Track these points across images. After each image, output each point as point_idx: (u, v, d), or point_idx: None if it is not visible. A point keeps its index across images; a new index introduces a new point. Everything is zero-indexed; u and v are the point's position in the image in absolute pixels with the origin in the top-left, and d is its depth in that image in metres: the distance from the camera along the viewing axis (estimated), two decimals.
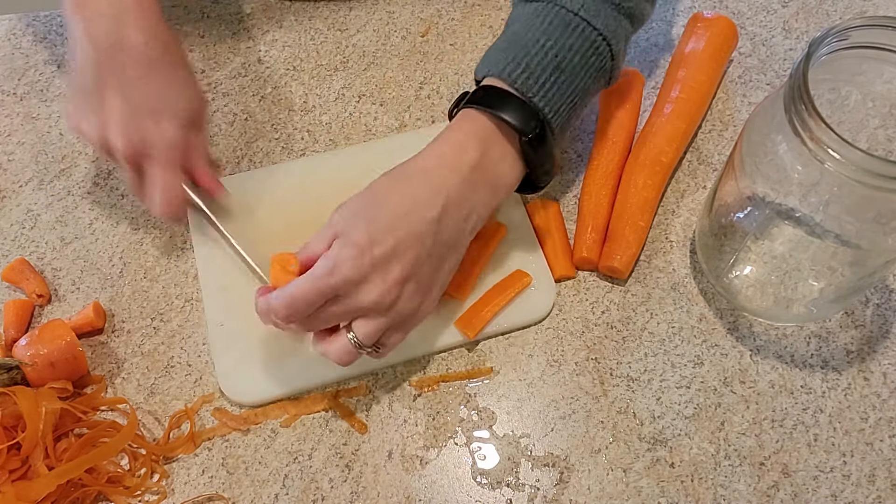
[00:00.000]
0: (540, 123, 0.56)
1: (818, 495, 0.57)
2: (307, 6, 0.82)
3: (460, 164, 0.54)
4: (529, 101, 0.55)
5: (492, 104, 0.55)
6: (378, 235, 0.52)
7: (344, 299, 0.52)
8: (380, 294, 0.52)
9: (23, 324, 0.64)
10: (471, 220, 0.56)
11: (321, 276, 0.51)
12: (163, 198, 0.60)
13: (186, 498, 0.58)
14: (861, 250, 0.54)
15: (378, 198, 0.54)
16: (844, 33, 0.50)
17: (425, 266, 0.54)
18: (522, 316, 0.63)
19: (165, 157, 0.60)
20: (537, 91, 0.55)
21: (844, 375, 0.61)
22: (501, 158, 0.56)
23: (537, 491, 0.57)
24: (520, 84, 0.55)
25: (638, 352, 0.62)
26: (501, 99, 0.55)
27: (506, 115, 0.55)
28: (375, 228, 0.52)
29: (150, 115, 0.59)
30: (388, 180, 0.55)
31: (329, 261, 0.51)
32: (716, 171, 0.71)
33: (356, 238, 0.51)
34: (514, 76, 0.55)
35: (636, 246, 0.64)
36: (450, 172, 0.54)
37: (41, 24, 0.82)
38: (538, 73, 0.56)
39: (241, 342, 0.62)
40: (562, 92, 0.57)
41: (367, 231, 0.52)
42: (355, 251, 0.51)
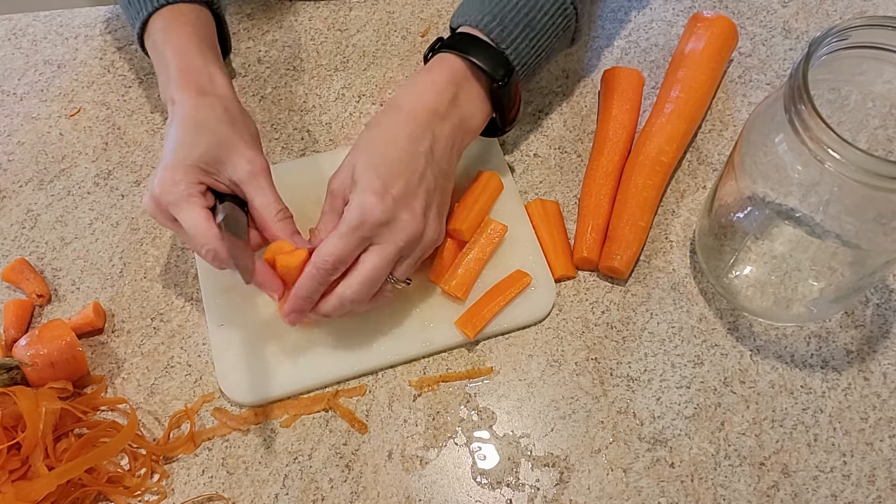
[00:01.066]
0: (508, 72, 0.60)
1: (818, 495, 0.57)
2: (307, 6, 0.82)
3: (440, 103, 0.59)
4: (502, 51, 0.60)
5: (467, 50, 0.60)
6: (390, 178, 0.55)
7: (381, 246, 0.55)
8: (414, 227, 0.56)
9: (23, 324, 0.64)
10: (455, 150, 0.61)
11: (351, 228, 0.54)
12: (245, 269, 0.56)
13: (186, 498, 0.58)
14: (861, 250, 0.54)
15: (377, 146, 0.57)
16: (844, 33, 0.50)
17: (434, 194, 0.58)
18: (522, 316, 0.63)
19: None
20: (510, 43, 0.61)
21: (844, 375, 0.61)
22: (473, 98, 0.61)
23: (537, 491, 0.57)
24: (495, 35, 0.60)
25: (638, 352, 0.62)
26: (476, 45, 0.60)
27: (480, 60, 0.59)
28: (385, 173, 0.55)
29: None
30: (380, 129, 0.58)
31: (354, 213, 0.54)
32: (716, 171, 0.71)
33: (372, 186, 0.55)
34: (490, 27, 0.60)
35: (636, 246, 0.64)
36: (432, 111, 0.58)
37: (41, 24, 0.82)
38: (511, 28, 0.61)
39: (241, 342, 0.62)
40: (530, 46, 0.62)
41: (379, 177, 0.55)
42: (376, 197, 0.54)
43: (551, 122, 0.74)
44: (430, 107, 0.58)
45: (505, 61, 0.60)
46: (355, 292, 0.56)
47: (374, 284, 0.56)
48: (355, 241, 0.55)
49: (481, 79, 0.61)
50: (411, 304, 0.63)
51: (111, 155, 0.73)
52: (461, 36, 0.61)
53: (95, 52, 0.80)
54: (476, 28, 0.61)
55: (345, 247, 0.55)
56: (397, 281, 0.58)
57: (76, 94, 0.77)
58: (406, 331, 0.62)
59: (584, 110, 0.74)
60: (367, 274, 0.55)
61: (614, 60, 0.77)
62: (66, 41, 0.80)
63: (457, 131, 0.60)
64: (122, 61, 0.79)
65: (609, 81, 0.73)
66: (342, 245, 0.55)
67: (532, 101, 0.75)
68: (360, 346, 0.62)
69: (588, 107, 0.75)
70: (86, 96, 0.77)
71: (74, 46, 0.80)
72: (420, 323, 0.63)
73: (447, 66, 0.60)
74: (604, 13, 0.81)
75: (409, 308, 0.63)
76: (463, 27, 0.62)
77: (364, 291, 0.56)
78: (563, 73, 0.77)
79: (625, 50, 0.78)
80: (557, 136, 0.73)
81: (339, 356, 0.61)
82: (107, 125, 0.75)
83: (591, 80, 0.76)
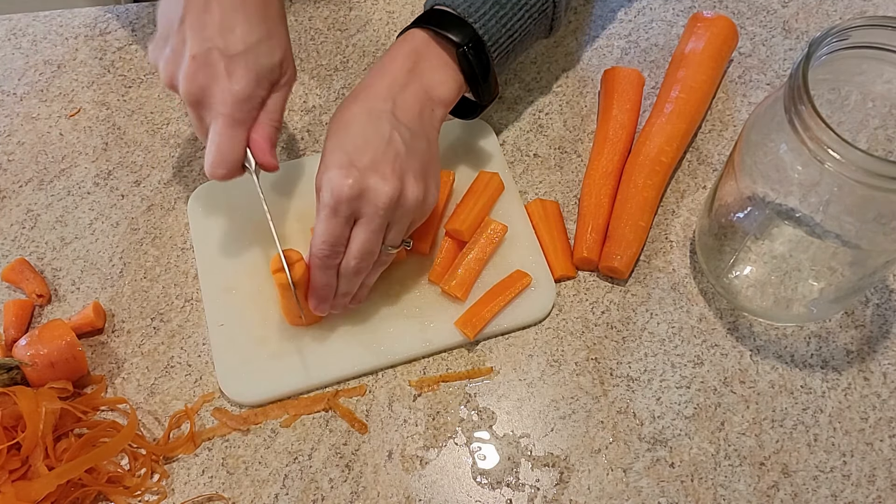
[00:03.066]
0: (477, 42, 0.60)
1: (818, 495, 0.57)
2: (307, 6, 0.82)
3: (397, 74, 0.59)
4: (470, 24, 0.60)
5: (430, 21, 0.61)
6: (354, 152, 0.55)
7: (363, 219, 0.55)
8: (389, 190, 0.54)
9: (23, 324, 0.64)
10: (425, 117, 0.59)
11: (329, 209, 0.54)
12: (214, 158, 0.56)
13: (186, 498, 0.58)
14: (861, 250, 0.54)
15: (338, 128, 0.57)
16: (844, 33, 0.50)
17: (408, 157, 0.56)
18: (522, 316, 0.63)
19: (227, 114, 0.55)
20: (478, 18, 0.60)
21: (844, 375, 0.61)
22: (437, 67, 0.60)
23: (537, 491, 0.57)
24: (462, 10, 0.60)
25: (638, 352, 0.62)
26: (442, 18, 0.61)
27: (441, 28, 0.60)
28: (349, 148, 0.55)
29: (224, 60, 0.54)
30: (340, 111, 0.58)
31: (325, 195, 0.54)
32: (716, 171, 0.71)
33: (336, 161, 0.55)
34: (458, 3, 0.61)
35: (636, 246, 0.64)
36: (389, 83, 0.58)
37: (41, 24, 0.82)
38: (479, 4, 0.61)
39: (241, 342, 0.62)
40: (500, 24, 0.62)
41: (344, 153, 0.55)
42: (342, 171, 0.54)
43: (551, 122, 0.74)
44: (387, 80, 0.58)
45: (472, 32, 0.60)
46: (354, 267, 0.56)
47: (370, 256, 0.57)
48: (338, 221, 0.55)
49: (447, 47, 0.60)
50: (411, 304, 0.63)
51: (111, 155, 0.73)
52: (430, 12, 0.62)
53: (95, 52, 0.80)
54: (444, 5, 0.61)
55: (331, 229, 0.55)
56: (394, 247, 0.58)
57: (76, 94, 0.77)
58: (406, 331, 0.62)
59: (584, 110, 0.74)
60: (360, 248, 0.56)
61: (614, 60, 0.77)
62: (66, 41, 0.80)
63: (423, 98, 0.59)
64: (121, 61, 0.79)
65: (609, 81, 0.73)
66: (328, 228, 0.55)
67: (532, 101, 0.75)
68: (360, 346, 0.62)
69: (588, 107, 0.75)
70: (86, 96, 0.77)
71: (74, 46, 0.80)
72: (420, 323, 0.62)
73: (408, 39, 0.61)
74: (604, 13, 0.81)
75: (409, 308, 0.63)
76: (435, 7, 0.62)
77: (362, 264, 0.57)
78: (563, 73, 0.77)
79: (625, 50, 0.78)
80: (557, 136, 0.73)
81: (339, 356, 0.61)
82: (107, 125, 0.75)
83: (591, 80, 0.76)
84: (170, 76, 0.56)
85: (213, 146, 0.55)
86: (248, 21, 0.55)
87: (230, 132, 0.55)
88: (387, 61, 0.60)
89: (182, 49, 0.55)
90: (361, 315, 0.62)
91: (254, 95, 0.56)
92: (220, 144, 0.55)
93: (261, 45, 0.56)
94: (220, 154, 0.55)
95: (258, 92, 0.56)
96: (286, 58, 0.58)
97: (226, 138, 0.55)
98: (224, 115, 0.55)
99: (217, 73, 0.54)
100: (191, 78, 0.54)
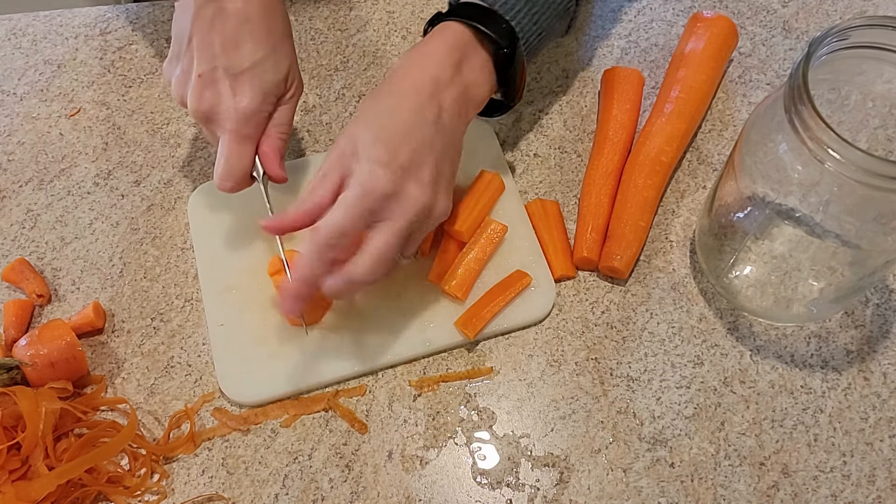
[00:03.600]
0: (512, 44, 0.58)
1: (818, 495, 0.57)
2: (307, 6, 0.82)
3: (442, 70, 0.56)
4: (507, 21, 0.58)
5: (472, 17, 0.58)
6: (396, 148, 0.52)
7: (390, 221, 0.52)
8: (424, 199, 0.53)
9: (23, 324, 0.64)
10: (463, 119, 0.58)
11: (357, 198, 0.51)
12: (222, 172, 0.58)
13: (186, 498, 0.58)
14: (861, 250, 0.54)
15: (380, 117, 0.54)
16: (844, 33, 0.50)
17: (444, 165, 0.55)
18: (522, 316, 0.63)
19: (234, 130, 0.57)
20: (514, 15, 0.58)
21: (844, 375, 0.61)
22: (477, 67, 0.58)
23: (537, 491, 0.57)
24: (499, 6, 0.58)
25: (638, 352, 0.62)
26: (481, 13, 0.58)
27: (486, 27, 0.57)
28: (391, 142, 0.53)
29: (229, 78, 0.56)
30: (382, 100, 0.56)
31: (359, 185, 0.51)
32: (716, 171, 0.71)
33: (377, 155, 0.52)
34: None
35: (636, 246, 0.64)
36: (435, 79, 0.56)
37: (41, 24, 0.82)
38: (514, 1, 0.59)
39: (241, 342, 0.62)
40: (532, 21, 0.60)
41: (385, 146, 0.52)
42: (382, 166, 0.51)
43: (551, 122, 0.74)
44: (433, 75, 0.55)
45: (509, 29, 0.58)
46: (367, 272, 0.52)
47: (387, 263, 0.53)
48: (360, 214, 0.51)
49: (486, 46, 0.58)
50: (411, 304, 0.63)
51: (111, 155, 0.73)
52: (462, 5, 0.59)
53: (95, 52, 0.80)
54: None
55: (349, 218, 0.51)
56: (406, 257, 0.56)
57: (76, 94, 0.77)
58: (406, 331, 0.62)
59: (584, 110, 0.74)
60: (379, 252, 0.52)
61: (614, 60, 0.77)
62: (66, 41, 0.80)
63: (462, 100, 0.57)
64: (122, 61, 0.79)
65: (609, 81, 0.73)
66: (346, 216, 0.51)
67: (532, 101, 0.75)
68: (360, 346, 0.62)
69: (588, 107, 0.75)
70: (86, 96, 0.77)
71: (74, 46, 0.80)
72: (420, 323, 0.63)
73: (449, 33, 0.57)
74: (604, 13, 0.81)
75: (409, 308, 0.63)
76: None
77: (377, 271, 0.52)
78: (563, 73, 0.77)
79: (625, 50, 0.78)
80: (557, 136, 0.73)
81: (339, 356, 0.61)
82: (107, 125, 0.75)
83: (591, 80, 0.76)
84: (180, 94, 0.58)
85: (221, 160, 0.58)
86: (252, 38, 0.56)
87: (238, 147, 0.57)
88: (429, 52, 0.57)
89: (190, 68, 0.57)
90: (361, 315, 0.62)
91: (260, 111, 0.57)
92: (229, 159, 0.57)
93: (266, 61, 0.57)
94: (229, 168, 0.58)
95: (264, 107, 0.58)
96: (292, 71, 0.59)
97: (234, 153, 0.57)
98: (231, 131, 0.57)
99: (223, 91, 0.56)
100: (198, 97, 0.56)
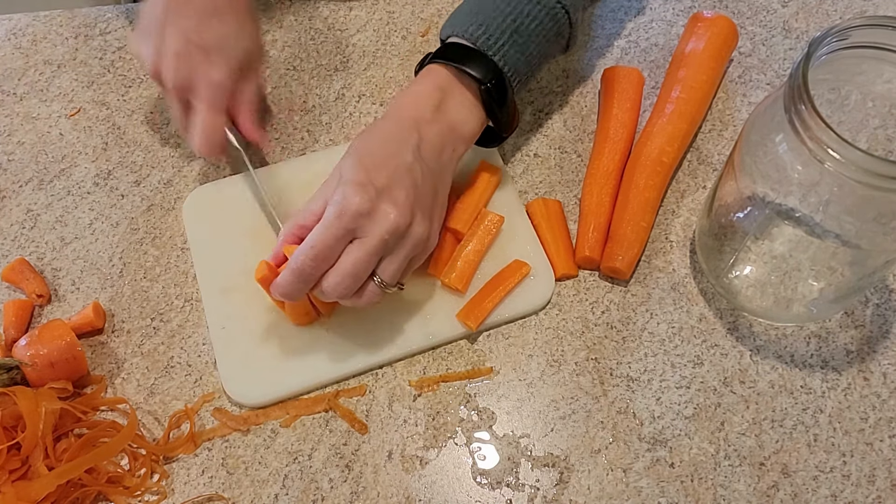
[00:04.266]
0: (498, 76, 0.61)
1: (818, 495, 0.57)
2: (307, 6, 0.82)
3: (424, 110, 0.59)
4: (490, 58, 0.60)
5: (453, 58, 0.61)
6: (373, 171, 0.55)
7: (363, 239, 0.54)
8: (396, 217, 0.54)
9: (23, 324, 0.64)
10: (446, 155, 0.60)
11: (333, 219, 0.54)
12: (202, 137, 0.64)
13: (186, 498, 0.58)
14: (861, 250, 0.54)
15: (362, 146, 0.58)
16: (844, 33, 0.50)
17: (422, 192, 0.57)
18: (523, 305, 0.63)
19: (211, 98, 0.63)
20: (497, 50, 0.60)
21: (844, 375, 0.61)
22: (462, 105, 0.61)
23: (537, 491, 0.57)
24: (481, 43, 0.60)
25: (638, 352, 0.62)
26: (463, 53, 0.61)
27: (465, 66, 0.60)
28: (370, 165, 0.56)
29: (203, 53, 0.62)
30: (366, 133, 0.59)
31: (335, 205, 0.54)
32: (716, 171, 0.71)
33: (354, 177, 0.55)
34: (476, 35, 0.61)
35: (638, 246, 0.64)
36: (417, 118, 0.59)
37: (41, 24, 0.82)
38: (497, 35, 0.61)
39: (242, 344, 0.62)
40: (520, 52, 0.62)
41: (363, 168, 0.55)
42: (358, 187, 0.54)
43: (551, 122, 0.74)
44: (414, 114, 0.59)
45: (493, 66, 0.60)
46: (336, 286, 0.54)
47: (356, 279, 0.55)
48: (337, 233, 0.53)
49: (470, 85, 0.60)
50: (412, 298, 0.63)
51: (111, 155, 0.73)
52: (448, 46, 0.62)
53: (95, 52, 0.80)
54: (462, 38, 0.61)
55: (327, 238, 0.53)
56: (387, 285, 0.56)
57: (76, 94, 0.77)
58: (408, 325, 0.62)
59: (584, 110, 0.74)
60: (348, 268, 0.54)
61: (614, 60, 0.77)
62: (66, 41, 0.80)
63: (446, 136, 0.59)
64: (121, 61, 0.79)
65: (609, 80, 0.73)
66: (325, 236, 0.53)
67: (532, 101, 0.75)
68: (360, 342, 0.62)
69: (588, 107, 0.75)
70: (86, 96, 0.77)
71: (74, 46, 0.80)
72: (421, 317, 0.63)
73: (433, 75, 0.61)
74: (604, 13, 0.81)
75: (410, 302, 0.63)
76: (451, 38, 0.62)
77: (345, 286, 0.55)
78: (563, 73, 0.77)
79: (625, 50, 0.78)
80: (557, 136, 0.73)
81: (340, 354, 0.61)
82: (107, 125, 0.75)
83: (591, 80, 0.76)
84: (155, 69, 0.64)
85: (199, 128, 0.64)
86: (219, 18, 0.64)
87: (212, 116, 0.64)
88: (414, 93, 0.60)
89: (163, 47, 0.63)
90: (362, 312, 0.62)
91: (231, 82, 0.64)
92: (206, 127, 0.63)
93: (231, 36, 0.64)
94: (206, 135, 0.64)
95: (235, 79, 0.64)
96: (255, 46, 0.67)
97: (209, 121, 0.63)
98: (206, 100, 0.63)
99: (196, 65, 0.62)
100: (175, 70, 0.62)
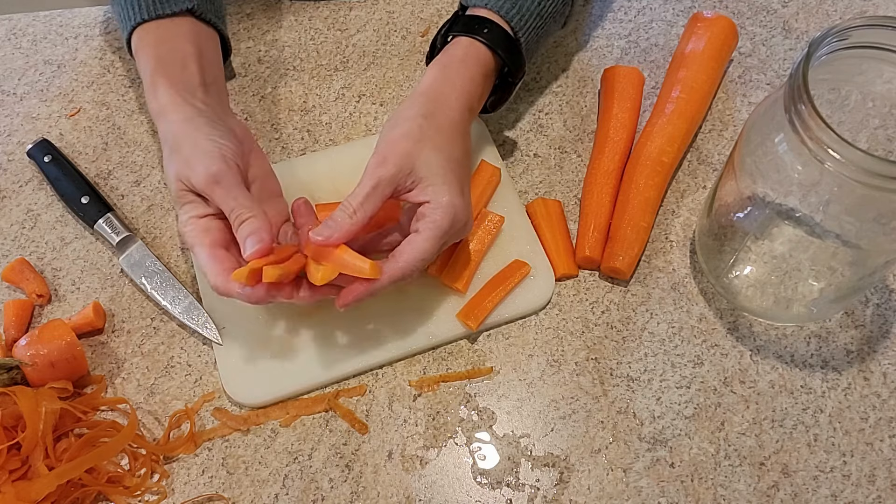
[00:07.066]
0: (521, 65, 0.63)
1: (818, 495, 0.57)
2: (307, 6, 0.82)
3: (473, 99, 0.61)
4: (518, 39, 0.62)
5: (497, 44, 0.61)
6: (462, 180, 0.58)
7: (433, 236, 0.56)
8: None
9: (23, 324, 0.64)
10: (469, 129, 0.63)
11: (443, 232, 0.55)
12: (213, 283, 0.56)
13: (186, 498, 0.58)
14: (861, 250, 0.54)
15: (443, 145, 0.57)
16: (844, 33, 0.50)
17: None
18: (523, 305, 0.63)
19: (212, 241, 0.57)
20: (525, 32, 0.62)
21: (844, 375, 0.61)
22: (489, 88, 0.64)
23: (537, 491, 0.57)
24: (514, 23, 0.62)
25: (638, 352, 0.62)
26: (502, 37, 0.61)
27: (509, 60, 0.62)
28: (459, 174, 0.57)
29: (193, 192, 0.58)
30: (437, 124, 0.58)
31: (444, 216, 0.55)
32: (716, 171, 0.71)
33: (456, 188, 0.56)
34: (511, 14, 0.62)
35: (638, 246, 0.64)
36: (469, 108, 0.61)
37: (41, 24, 0.82)
38: (527, 17, 0.62)
39: (243, 345, 0.62)
40: (536, 35, 0.64)
41: (457, 179, 0.57)
42: (461, 201, 0.56)
43: (551, 122, 0.74)
44: (468, 103, 0.60)
45: (521, 56, 0.62)
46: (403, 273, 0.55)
47: (422, 268, 0.56)
48: (441, 243, 0.56)
49: (499, 64, 0.63)
50: (412, 298, 0.63)
51: (111, 155, 0.73)
52: (483, 22, 0.61)
53: (95, 52, 0.80)
54: (495, 13, 0.61)
55: (434, 251, 0.55)
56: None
57: (76, 94, 0.77)
58: (408, 325, 0.62)
59: (584, 110, 0.74)
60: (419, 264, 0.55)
61: (614, 60, 0.77)
62: (66, 41, 0.80)
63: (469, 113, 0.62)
64: (121, 61, 0.79)
65: (609, 80, 0.73)
66: (433, 249, 0.55)
67: (532, 101, 0.75)
68: (361, 342, 0.62)
69: (588, 107, 0.75)
70: (86, 96, 0.77)
71: (74, 46, 0.80)
72: (422, 316, 0.63)
73: (481, 61, 0.61)
74: (604, 13, 0.81)
75: (410, 302, 0.63)
76: (478, 9, 0.62)
77: (412, 274, 0.56)
78: (563, 73, 0.77)
79: (625, 50, 0.78)
80: (557, 136, 0.73)
81: (340, 354, 0.61)
82: (107, 125, 0.75)
83: (591, 80, 0.76)
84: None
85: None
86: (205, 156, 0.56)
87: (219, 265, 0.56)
88: (468, 80, 0.60)
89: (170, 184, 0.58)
90: (363, 311, 0.62)
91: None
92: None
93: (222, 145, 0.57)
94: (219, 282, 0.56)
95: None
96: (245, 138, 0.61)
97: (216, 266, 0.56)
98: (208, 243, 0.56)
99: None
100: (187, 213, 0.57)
